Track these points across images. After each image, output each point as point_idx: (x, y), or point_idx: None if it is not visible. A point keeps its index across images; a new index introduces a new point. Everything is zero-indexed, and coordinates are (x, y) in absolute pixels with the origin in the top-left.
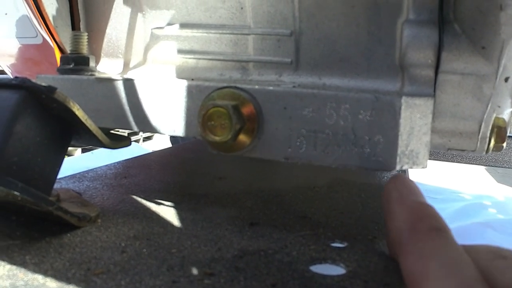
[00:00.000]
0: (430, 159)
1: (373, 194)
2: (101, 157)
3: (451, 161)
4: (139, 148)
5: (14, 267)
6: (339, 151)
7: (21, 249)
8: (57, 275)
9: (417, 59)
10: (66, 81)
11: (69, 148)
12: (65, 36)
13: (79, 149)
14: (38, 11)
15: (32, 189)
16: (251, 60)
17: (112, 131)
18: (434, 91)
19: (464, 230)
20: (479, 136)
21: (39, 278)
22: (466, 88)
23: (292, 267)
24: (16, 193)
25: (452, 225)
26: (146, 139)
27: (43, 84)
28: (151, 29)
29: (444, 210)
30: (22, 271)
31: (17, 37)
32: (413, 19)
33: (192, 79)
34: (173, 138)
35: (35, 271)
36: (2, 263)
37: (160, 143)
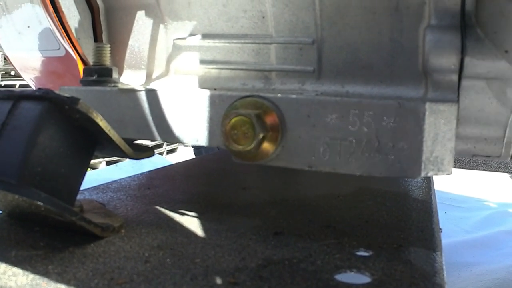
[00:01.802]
0: (454, 167)
1: (398, 203)
2: (125, 169)
3: (476, 169)
4: (162, 160)
5: (37, 276)
6: (363, 158)
7: (44, 259)
8: (80, 285)
9: (440, 65)
10: (89, 92)
11: (94, 161)
12: (88, 48)
13: (103, 162)
14: (61, 24)
15: (56, 199)
16: (273, 69)
17: (135, 142)
18: (458, 96)
19: (489, 239)
20: (504, 142)
21: (62, 287)
22: (490, 93)
23: (316, 276)
24: (39, 203)
25: (478, 233)
26: (170, 151)
27: (66, 95)
28: (173, 40)
29: (469, 219)
30: (45, 281)
31: (40, 50)
32: (435, 25)
33: (215, 89)
34: (196, 150)
35: (58, 280)
36: (26, 272)
37: (184, 155)
